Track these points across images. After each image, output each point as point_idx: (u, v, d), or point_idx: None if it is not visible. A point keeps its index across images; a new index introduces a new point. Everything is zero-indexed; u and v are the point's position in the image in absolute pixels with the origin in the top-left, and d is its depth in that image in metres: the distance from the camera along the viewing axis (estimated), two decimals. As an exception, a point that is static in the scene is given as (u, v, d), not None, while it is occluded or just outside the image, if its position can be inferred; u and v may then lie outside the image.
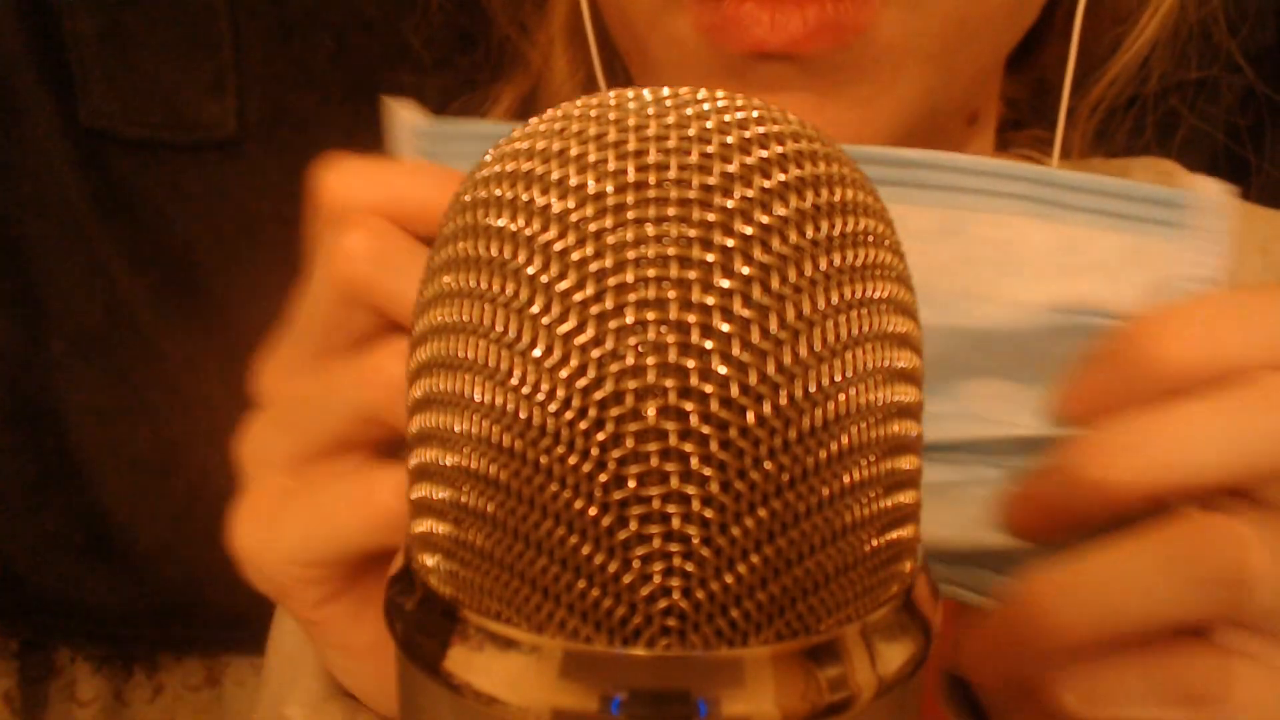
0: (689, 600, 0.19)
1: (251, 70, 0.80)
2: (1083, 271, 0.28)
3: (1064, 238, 0.28)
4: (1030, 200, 0.29)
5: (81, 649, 0.88)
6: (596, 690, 0.19)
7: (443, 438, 0.20)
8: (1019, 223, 0.28)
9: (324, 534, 0.30)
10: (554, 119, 0.21)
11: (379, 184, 0.30)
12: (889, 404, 0.20)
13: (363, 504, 0.29)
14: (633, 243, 0.19)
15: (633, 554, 0.19)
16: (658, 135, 0.20)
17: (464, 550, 0.20)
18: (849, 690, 0.20)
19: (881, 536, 0.21)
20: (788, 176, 0.20)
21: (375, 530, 0.29)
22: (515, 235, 0.20)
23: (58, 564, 0.86)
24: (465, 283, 0.20)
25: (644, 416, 0.18)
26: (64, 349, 0.84)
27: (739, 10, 0.38)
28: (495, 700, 0.19)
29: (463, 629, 0.20)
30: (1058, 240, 0.28)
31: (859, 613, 0.20)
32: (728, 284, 0.19)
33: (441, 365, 0.21)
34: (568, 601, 0.19)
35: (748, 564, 0.19)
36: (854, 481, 0.20)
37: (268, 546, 0.31)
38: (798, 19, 0.37)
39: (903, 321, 0.21)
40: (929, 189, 0.29)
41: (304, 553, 0.30)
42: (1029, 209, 0.29)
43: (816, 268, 0.19)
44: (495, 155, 0.21)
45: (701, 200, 0.19)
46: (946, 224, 0.29)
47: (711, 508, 0.18)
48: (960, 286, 0.29)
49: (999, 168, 0.29)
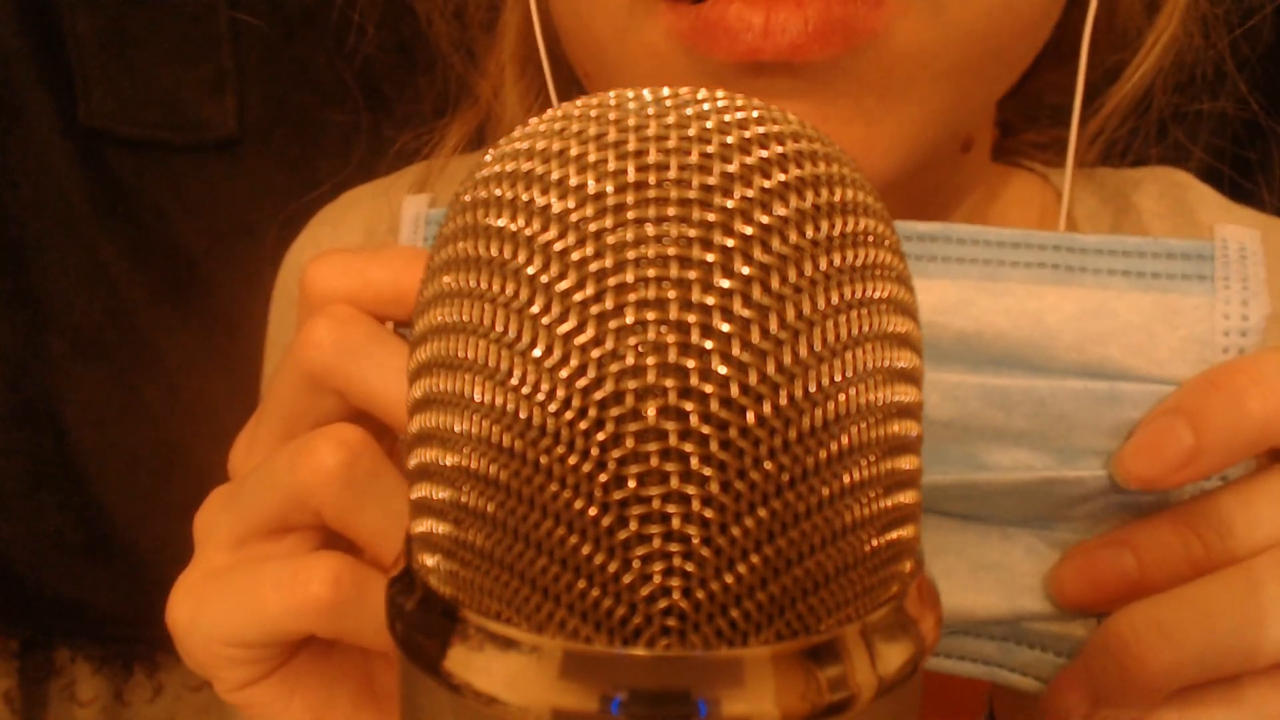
0: (689, 600, 0.19)
1: (251, 70, 0.80)
2: (1113, 336, 0.27)
3: (1091, 303, 0.27)
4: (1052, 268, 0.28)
5: (81, 649, 0.88)
6: (596, 690, 0.19)
7: (443, 438, 0.20)
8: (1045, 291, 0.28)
9: (248, 617, 0.30)
10: (554, 119, 0.21)
11: (352, 272, 0.30)
12: (889, 404, 0.20)
13: (289, 590, 0.29)
14: (633, 243, 0.19)
15: (633, 554, 0.19)
16: (658, 135, 0.20)
17: (464, 550, 0.20)
18: (849, 690, 0.20)
19: (881, 536, 0.21)
20: (788, 176, 0.20)
21: (300, 617, 0.29)
22: (515, 235, 0.20)
23: (58, 564, 0.86)
24: (465, 283, 0.20)
25: (644, 416, 0.18)
26: (64, 349, 0.84)
27: (724, 14, 0.34)
28: (495, 700, 0.19)
29: (463, 629, 0.20)
30: (1084, 306, 0.27)
31: (859, 613, 0.20)
32: (728, 284, 0.19)
33: (441, 365, 0.20)
34: (568, 601, 0.19)
35: (748, 564, 0.19)
36: (854, 481, 0.20)
37: (194, 624, 0.31)
38: (798, 20, 0.33)
39: (903, 321, 0.21)
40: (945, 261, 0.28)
41: (227, 633, 0.30)
42: (1053, 276, 0.28)
43: (816, 268, 0.19)
44: (495, 155, 0.21)
45: (701, 200, 0.19)
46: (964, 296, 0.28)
47: (711, 508, 0.18)
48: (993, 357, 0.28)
49: (1019, 237, 0.28)
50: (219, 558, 0.31)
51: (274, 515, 0.30)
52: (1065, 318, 0.27)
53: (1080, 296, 0.27)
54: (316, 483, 0.29)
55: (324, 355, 0.29)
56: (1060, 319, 0.28)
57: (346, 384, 0.30)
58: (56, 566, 0.85)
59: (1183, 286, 0.27)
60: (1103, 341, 0.27)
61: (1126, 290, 0.27)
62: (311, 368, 0.30)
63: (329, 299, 0.30)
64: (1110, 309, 0.27)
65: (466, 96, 0.53)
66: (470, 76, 0.52)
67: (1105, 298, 0.27)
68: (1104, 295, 0.27)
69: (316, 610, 0.29)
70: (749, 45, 0.34)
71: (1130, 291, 0.27)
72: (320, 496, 0.29)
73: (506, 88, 0.50)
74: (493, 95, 0.50)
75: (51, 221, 0.82)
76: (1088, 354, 0.27)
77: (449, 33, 0.53)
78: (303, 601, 0.29)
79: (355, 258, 0.31)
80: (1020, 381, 0.27)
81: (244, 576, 0.30)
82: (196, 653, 0.31)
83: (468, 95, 0.53)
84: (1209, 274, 0.27)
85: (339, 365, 0.29)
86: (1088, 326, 0.27)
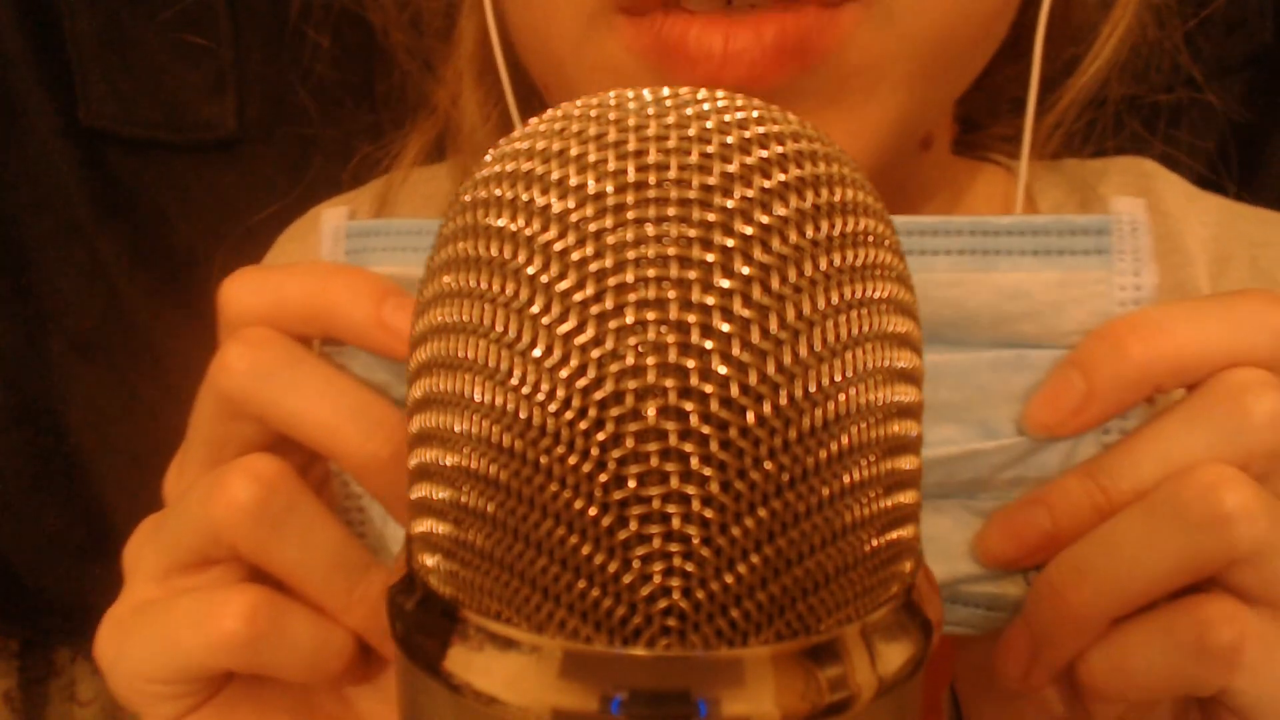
0: (689, 600, 0.19)
1: (251, 70, 0.80)
2: (1027, 316, 0.29)
3: (1009, 286, 0.28)
4: (971, 254, 0.29)
5: (81, 649, 0.88)
6: (596, 690, 0.19)
7: (443, 438, 0.20)
8: (966, 278, 0.29)
9: (165, 654, 0.29)
10: (554, 119, 0.21)
11: (265, 289, 0.30)
12: (889, 404, 0.20)
13: (202, 626, 0.29)
14: (633, 243, 0.19)
15: (633, 554, 0.19)
16: (658, 135, 0.20)
17: (464, 550, 0.20)
18: (849, 690, 0.20)
19: (881, 536, 0.21)
20: (788, 176, 0.20)
21: (214, 653, 0.29)
22: (515, 235, 0.20)
23: (58, 564, 0.85)
24: (465, 283, 0.20)
25: (644, 416, 0.18)
26: (64, 349, 0.84)
27: (684, 37, 0.34)
28: (495, 700, 0.19)
29: (463, 629, 0.20)
30: (1001, 289, 0.28)
31: (859, 613, 0.20)
32: (728, 284, 0.19)
33: (441, 365, 0.20)
34: (568, 601, 0.19)
35: (748, 564, 0.19)
36: (854, 481, 0.20)
37: (117, 660, 0.30)
38: (755, 44, 0.33)
39: (903, 321, 0.21)
40: None
41: (147, 670, 0.30)
42: (973, 263, 0.29)
43: (816, 268, 0.19)
44: (495, 155, 0.21)
45: (701, 200, 0.19)
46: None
47: (711, 508, 0.18)
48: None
49: (937, 224, 0.29)
50: (145, 591, 0.31)
51: (193, 550, 0.30)
52: (984, 302, 0.29)
53: (997, 281, 0.28)
54: (229, 519, 0.28)
55: (239, 381, 0.29)
56: (979, 303, 0.29)
57: (263, 410, 0.29)
58: (56, 566, 0.85)
59: (1085, 262, 0.28)
60: (1017, 320, 0.28)
61: (1039, 269, 0.28)
62: (227, 394, 0.29)
63: (244, 319, 0.30)
64: (1025, 290, 0.28)
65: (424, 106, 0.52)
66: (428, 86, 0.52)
67: (1020, 279, 0.28)
68: (1019, 277, 0.28)
69: (230, 646, 0.29)
70: (708, 73, 0.34)
71: (1042, 270, 0.28)
72: (233, 533, 0.29)
73: (464, 96, 0.49)
74: (451, 104, 0.49)
75: (51, 221, 0.82)
76: (1002, 330, 0.29)
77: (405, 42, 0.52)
78: (216, 638, 0.28)
79: (270, 274, 0.30)
80: (944, 357, 0.29)
81: (162, 612, 0.30)
82: (122, 689, 0.31)
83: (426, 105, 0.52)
84: (1107, 248, 0.28)
85: (255, 391, 0.29)
86: (1004, 308, 0.28)
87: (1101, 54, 0.45)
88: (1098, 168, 0.51)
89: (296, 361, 0.29)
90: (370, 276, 0.30)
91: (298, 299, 0.30)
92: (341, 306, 0.29)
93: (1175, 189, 0.50)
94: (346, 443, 0.29)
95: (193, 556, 0.30)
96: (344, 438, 0.29)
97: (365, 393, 0.30)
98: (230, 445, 0.30)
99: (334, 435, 0.29)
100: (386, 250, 0.31)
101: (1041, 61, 0.39)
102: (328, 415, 0.29)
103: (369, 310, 0.29)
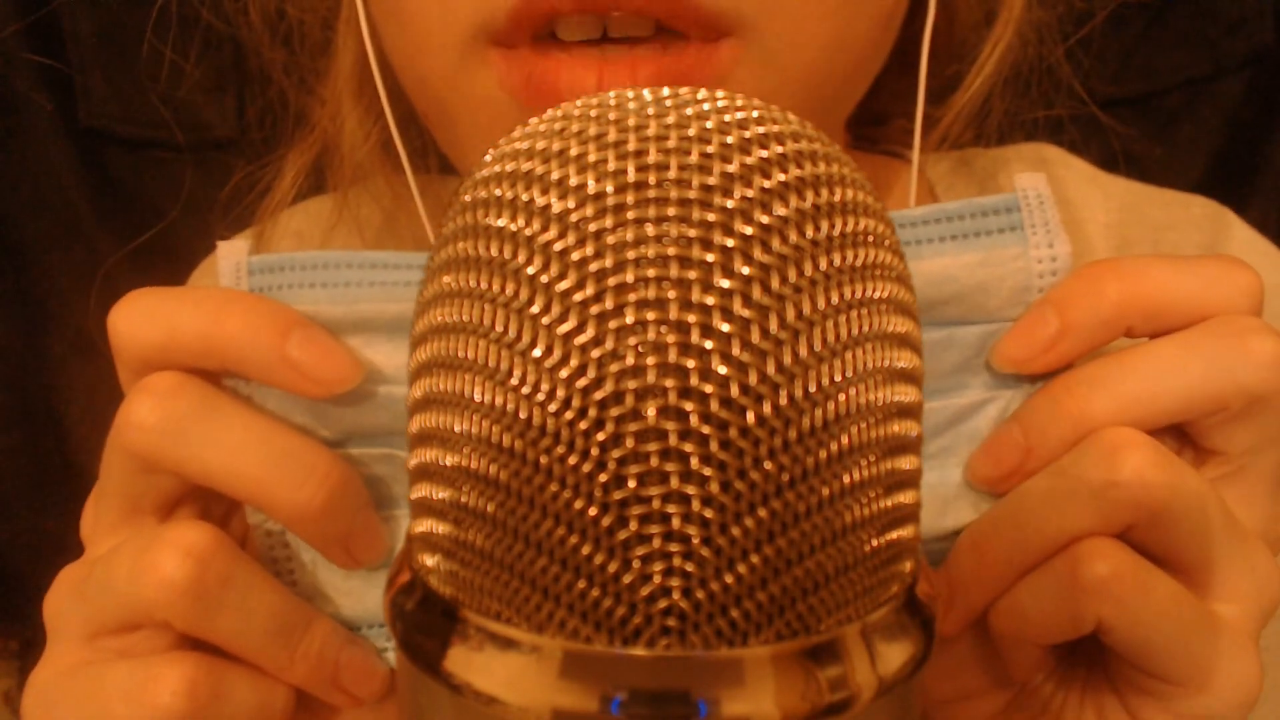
0: (689, 600, 0.19)
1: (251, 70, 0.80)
2: (956, 299, 0.29)
3: (935, 273, 0.29)
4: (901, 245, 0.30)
5: (81, 649, 0.88)
6: (596, 690, 0.19)
7: (443, 438, 0.20)
8: None
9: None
10: (554, 119, 0.21)
11: (158, 318, 0.28)
12: (889, 404, 0.20)
13: (139, 700, 0.27)
14: (633, 243, 0.19)
15: (633, 554, 0.19)
16: (658, 135, 0.20)
17: (464, 550, 0.20)
18: (849, 690, 0.20)
19: (881, 536, 0.21)
20: (788, 176, 0.20)
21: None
22: (515, 235, 0.20)
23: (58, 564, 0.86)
24: (465, 283, 0.20)
25: (644, 416, 0.18)
26: (64, 349, 0.84)
27: (557, 77, 0.32)
28: (495, 700, 0.19)
29: (463, 629, 0.20)
30: (929, 278, 0.29)
31: (859, 613, 0.20)
32: (728, 284, 0.19)
33: (441, 365, 0.20)
34: (568, 601, 0.19)
35: (748, 564, 0.19)
36: (854, 481, 0.20)
37: None
38: (626, 76, 0.32)
39: (903, 321, 0.21)
40: None
41: None
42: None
43: (816, 268, 0.19)
44: (495, 155, 0.21)
45: (701, 200, 0.19)
46: None
47: (711, 508, 0.18)
48: None
49: None
50: (70, 653, 0.29)
51: (121, 618, 0.28)
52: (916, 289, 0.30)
53: (923, 270, 0.29)
54: (161, 599, 0.27)
55: (149, 439, 0.27)
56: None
57: (179, 466, 0.27)
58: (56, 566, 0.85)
59: (1001, 240, 0.29)
60: (946, 304, 0.29)
61: (959, 253, 0.29)
62: (138, 452, 0.28)
63: (136, 355, 0.28)
64: (950, 274, 0.29)
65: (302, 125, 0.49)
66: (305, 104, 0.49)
67: (944, 265, 0.29)
68: (943, 263, 0.29)
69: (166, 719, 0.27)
70: None
71: (963, 254, 0.29)
72: (167, 611, 0.27)
73: (344, 117, 0.46)
74: (331, 123, 0.47)
75: (51, 221, 0.82)
76: (933, 315, 0.29)
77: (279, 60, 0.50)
78: (151, 714, 0.27)
79: (163, 301, 0.28)
80: None
81: (90, 683, 0.28)
82: None
83: (303, 124, 0.49)
84: (1019, 224, 0.29)
85: (169, 449, 0.27)
86: (932, 294, 0.29)
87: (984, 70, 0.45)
88: (1001, 156, 0.51)
89: (210, 410, 0.27)
90: (273, 306, 0.28)
91: (192, 332, 0.27)
92: (240, 341, 0.27)
93: (1076, 173, 0.50)
94: (274, 495, 0.27)
95: (121, 624, 0.28)
96: (271, 490, 0.27)
97: (289, 436, 0.28)
98: (146, 499, 0.29)
99: (260, 488, 0.27)
100: (294, 288, 0.28)
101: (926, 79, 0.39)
102: (252, 468, 0.27)
103: (271, 344, 0.27)
